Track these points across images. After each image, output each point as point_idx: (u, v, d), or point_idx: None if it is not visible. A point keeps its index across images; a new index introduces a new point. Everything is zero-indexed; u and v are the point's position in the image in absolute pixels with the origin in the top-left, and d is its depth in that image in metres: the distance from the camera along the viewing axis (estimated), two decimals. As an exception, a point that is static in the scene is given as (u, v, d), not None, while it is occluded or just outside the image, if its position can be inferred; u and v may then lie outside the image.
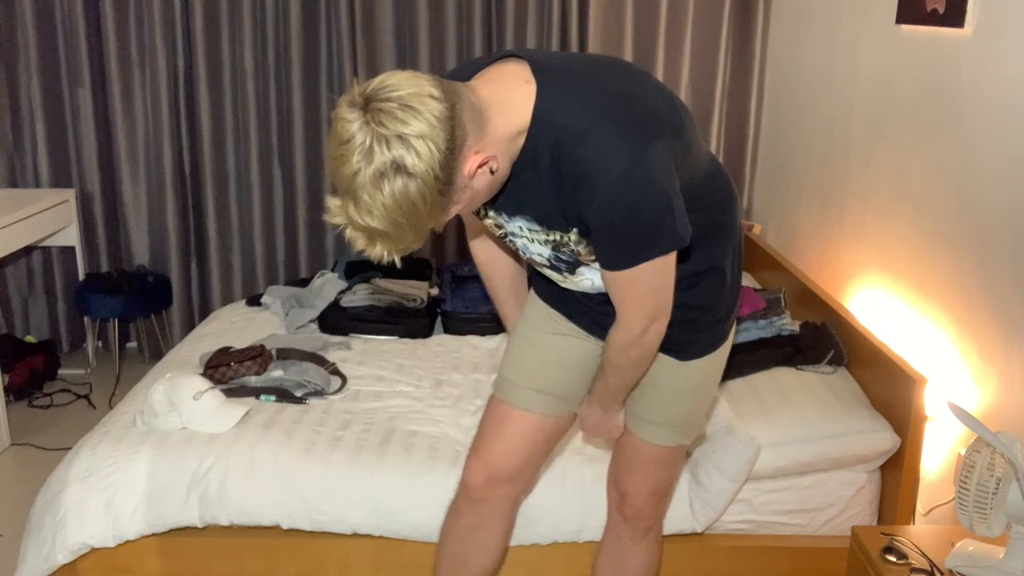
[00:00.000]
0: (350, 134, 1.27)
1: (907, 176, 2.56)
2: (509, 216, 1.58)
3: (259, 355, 2.74)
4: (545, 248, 1.59)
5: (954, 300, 2.31)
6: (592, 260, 1.57)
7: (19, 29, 3.77)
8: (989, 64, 2.16)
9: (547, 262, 1.64)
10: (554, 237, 1.55)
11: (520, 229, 1.58)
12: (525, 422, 1.86)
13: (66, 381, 3.93)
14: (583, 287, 1.68)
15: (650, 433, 1.84)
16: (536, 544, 2.31)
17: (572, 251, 1.56)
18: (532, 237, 1.59)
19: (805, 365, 2.63)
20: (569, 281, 1.67)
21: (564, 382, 1.86)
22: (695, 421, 1.87)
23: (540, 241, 1.58)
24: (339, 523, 2.30)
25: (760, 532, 2.38)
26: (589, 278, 1.64)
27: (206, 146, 3.89)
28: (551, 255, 1.61)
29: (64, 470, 2.33)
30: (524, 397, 1.85)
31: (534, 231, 1.57)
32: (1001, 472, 1.74)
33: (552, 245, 1.58)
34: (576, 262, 1.59)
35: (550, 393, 1.85)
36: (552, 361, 1.85)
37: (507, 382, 1.88)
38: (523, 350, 1.88)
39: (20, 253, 4.02)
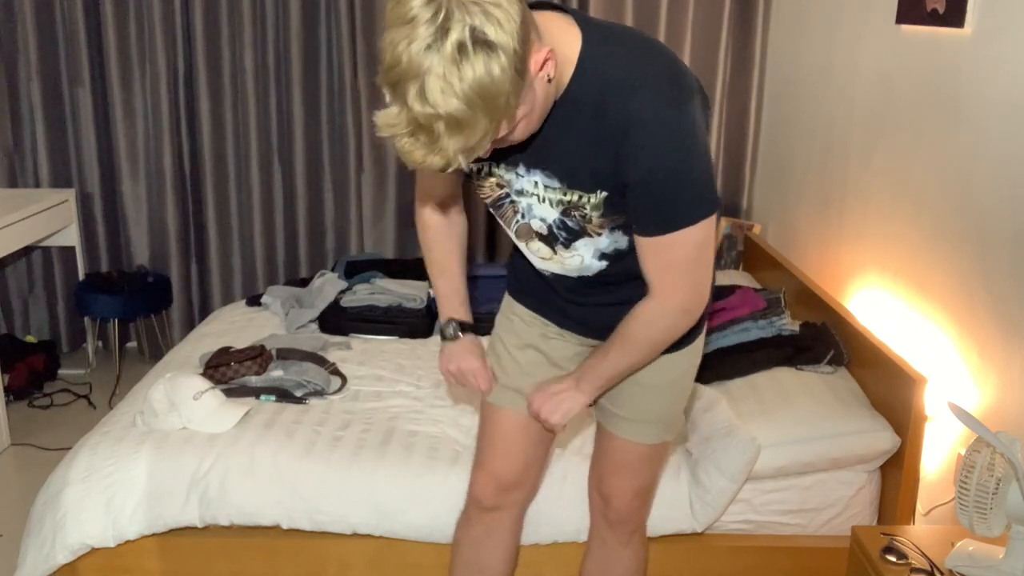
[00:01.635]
0: (418, 8, 1.17)
1: (907, 176, 2.56)
2: (528, 169, 1.50)
3: (259, 355, 2.74)
4: (554, 211, 1.53)
5: (954, 300, 2.31)
6: (599, 231, 1.53)
7: (19, 29, 3.77)
8: (989, 64, 2.16)
9: (546, 229, 1.58)
10: (571, 198, 1.50)
11: (534, 185, 1.52)
12: (516, 422, 1.86)
13: (66, 381, 3.93)
14: (569, 267, 1.64)
15: (633, 432, 1.82)
16: (536, 544, 2.31)
17: (583, 216, 1.51)
18: (544, 196, 1.52)
19: (805, 365, 2.63)
20: (556, 259, 1.63)
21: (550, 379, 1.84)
22: (676, 416, 1.85)
23: (552, 201, 1.52)
24: (339, 523, 2.30)
25: (760, 532, 2.38)
26: (580, 255, 1.60)
27: (206, 146, 3.89)
28: (557, 220, 1.55)
29: (64, 470, 2.33)
30: (511, 397, 1.85)
31: (551, 188, 1.51)
32: (1001, 472, 1.74)
33: (564, 208, 1.52)
34: (580, 231, 1.55)
35: None
36: (535, 361, 1.85)
37: (496, 385, 1.87)
38: (506, 352, 1.87)
39: (20, 253, 4.02)
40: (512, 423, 1.87)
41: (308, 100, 3.87)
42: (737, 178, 3.91)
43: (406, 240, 4.03)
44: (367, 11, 3.77)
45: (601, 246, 1.58)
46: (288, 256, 4.06)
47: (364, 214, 3.98)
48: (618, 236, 1.56)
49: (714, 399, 2.47)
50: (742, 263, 3.78)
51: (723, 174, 3.95)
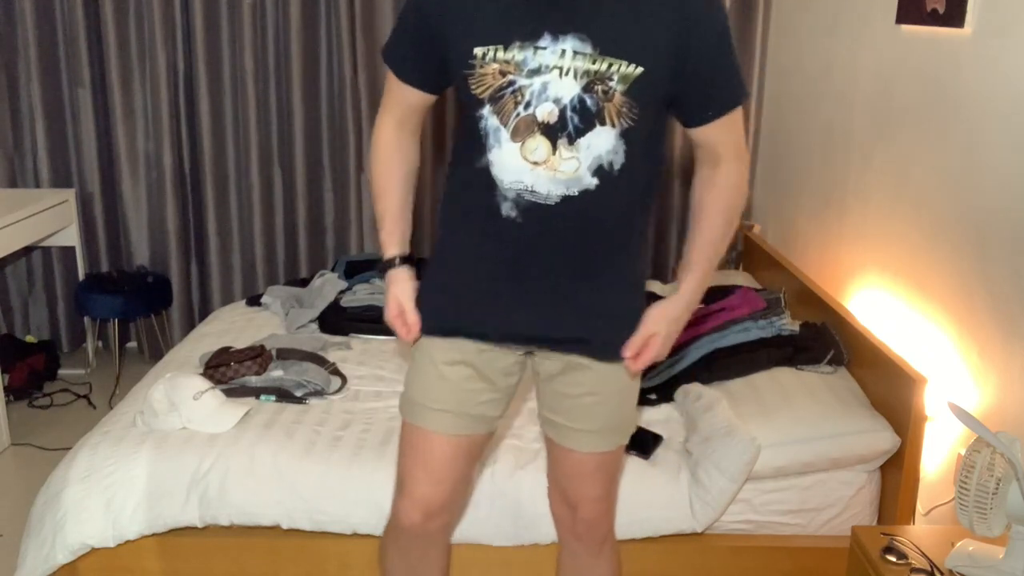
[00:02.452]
0: None
1: (907, 176, 2.56)
2: (556, 36, 1.46)
3: (259, 355, 2.74)
4: (576, 85, 1.47)
5: (954, 300, 2.31)
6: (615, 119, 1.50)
7: (19, 29, 3.77)
8: (989, 64, 2.16)
9: (557, 115, 1.50)
10: (600, 67, 1.46)
11: (560, 56, 1.46)
12: (447, 447, 1.73)
13: (66, 381, 3.93)
14: (560, 176, 1.53)
15: (594, 443, 1.75)
16: (536, 544, 2.31)
17: (606, 93, 1.47)
18: (570, 66, 1.47)
19: (805, 365, 2.63)
20: (550, 163, 1.53)
21: (479, 400, 1.74)
22: (632, 417, 1.80)
23: (578, 72, 1.47)
24: (339, 523, 2.30)
25: (760, 532, 2.38)
26: (579, 159, 1.52)
27: (206, 146, 3.89)
28: (576, 97, 1.48)
29: (64, 470, 2.33)
30: (441, 420, 1.72)
31: (580, 56, 1.46)
32: (1001, 472, 1.74)
33: (588, 80, 1.47)
34: (595, 114, 1.49)
35: (466, 413, 1.73)
36: (467, 376, 1.72)
37: (419, 405, 1.74)
38: (433, 368, 1.73)
39: (20, 253, 4.02)
40: (443, 448, 1.73)
41: (308, 100, 3.87)
42: (737, 178, 3.91)
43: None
44: (367, 11, 3.77)
45: (604, 150, 1.53)
46: (288, 256, 4.06)
47: (364, 214, 3.98)
48: (621, 147, 1.53)
49: (714, 399, 2.47)
50: (742, 263, 3.78)
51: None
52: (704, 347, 2.73)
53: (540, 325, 1.66)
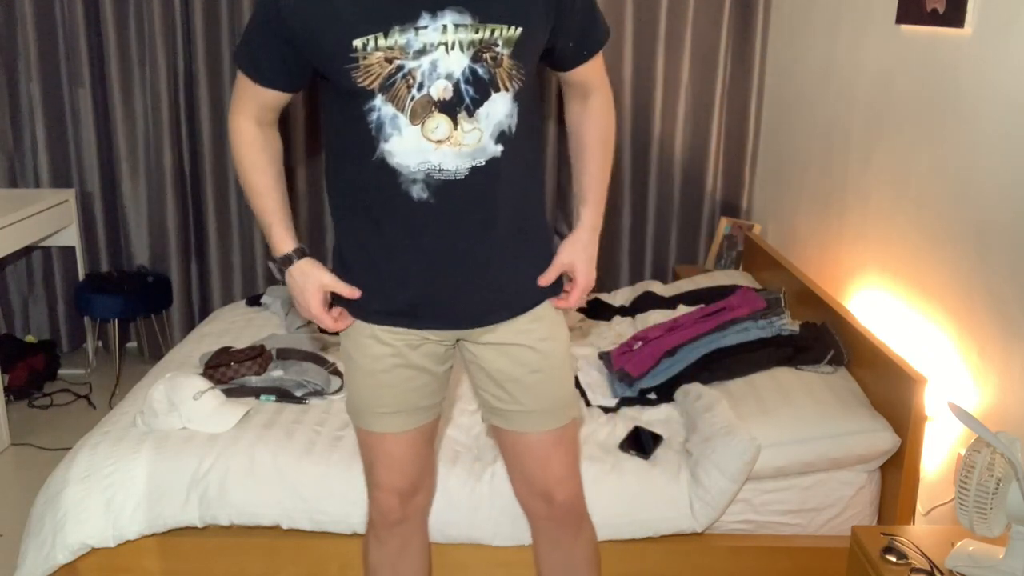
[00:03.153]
0: None
1: (907, 176, 2.56)
2: (435, 14, 1.47)
3: (259, 355, 2.74)
4: (465, 57, 1.50)
5: (954, 300, 2.31)
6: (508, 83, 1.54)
7: (19, 29, 3.77)
8: (989, 64, 2.16)
9: (451, 91, 1.51)
10: (483, 35, 1.50)
11: (442, 31, 1.48)
12: (403, 441, 1.79)
13: (66, 381, 3.93)
14: (465, 150, 1.55)
15: (548, 421, 1.77)
16: (536, 544, 2.30)
17: (494, 59, 1.51)
18: (455, 39, 1.49)
19: (805, 365, 2.63)
20: (454, 139, 1.54)
21: (421, 394, 1.77)
22: (572, 390, 1.82)
23: (464, 44, 1.49)
24: (339, 523, 2.30)
25: (760, 532, 2.38)
26: (480, 129, 1.54)
27: (206, 146, 3.89)
28: (467, 69, 1.51)
29: (64, 470, 2.33)
30: (391, 421, 1.77)
31: (462, 28, 1.48)
32: (1001, 472, 1.74)
33: (476, 50, 1.50)
34: (489, 82, 1.53)
35: (412, 408, 1.77)
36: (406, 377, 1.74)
37: (365, 411, 1.77)
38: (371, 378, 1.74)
39: (20, 253, 4.02)
40: (399, 444, 1.79)
41: (307, 99, 3.87)
42: (737, 178, 3.91)
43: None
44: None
45: (503, 115, 1.56)
46: (288, 256, 4.06)
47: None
48: (515, 110, 1.58)
49: (714, 399, 2.47)
50: (742, 263, 3.78)
51: (723, 174, 3.95)
52: (704, 347, 2.73)
53: (473, 301, 1.67)
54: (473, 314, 1.70)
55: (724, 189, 3.96)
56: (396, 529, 1.89)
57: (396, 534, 1.90)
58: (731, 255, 3.85)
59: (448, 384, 1.84)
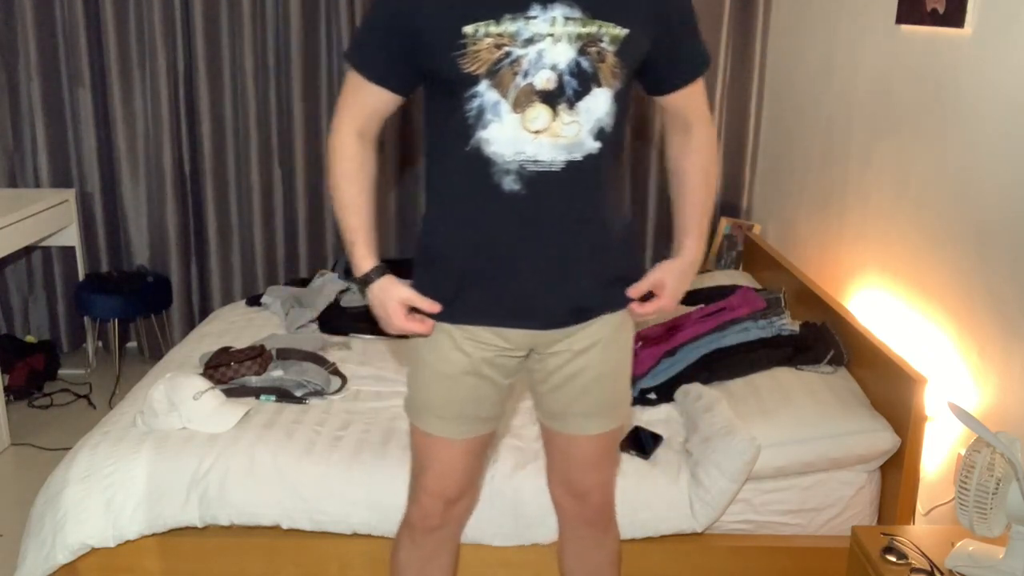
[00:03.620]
0: None
1: (907, 176, 2.56)
2: (547, 4, 1.51)
3: (259, 355, 2.74)
4: (571, 49, 1.52)
5: (954, 300, 2.31)
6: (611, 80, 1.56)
7: (19, 29, 3.77)
8: (989, 64, 2.16)
9: (555, 81, 1.53)
10: (591, 29, 1.52)
11: (551, 23, 1.51)
12: (460, 449, 1.78)
13: (66, 381, 3.93)
14: (563, 141, 1.56)
15: (601, 425, 1.79)
16: (536, 544, 2.31)
17: (599, 55, 1.53)
18: (563, 31, 1.52)
19: (805, 365, 2.63)
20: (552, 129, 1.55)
21: (484, 404, 1.76)
22: (628, 391, 1.83)
23: (571, 37, 1.52)
24: (339, 523, 2.30)
25: (760, 532, 2.38)
26: (579, 123, 1.56)
27: (206, 146, 3.89)
28: (572, 61, 1.53)
29: (64, 470, 2.33)
30: (452, 427, 1.75)
31: (571, 21, 1.52)
32: (1001, 472, 1.74)
33: (582, 44, 1.53)
34: (591, 76, 1.54)
35: (472, 417, 1.76)
36: (473, 385, 1.73)
37: (425, 411, 1.76)
38: (437, 381, 1.73)
39: (20, 253, 4.02)
40: (454, 451, 1.78)
41: (308, 100, 3.87)
42: (737, 178, 3.91)
43: (406, 240, 4.03)
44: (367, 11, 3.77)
45: (602, 112, 1.57)
46: (288, 256, 4.06)
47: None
48: (613, 108, 1.58)
49: (714, 399, 2.47)
50: (742, 263, 3.78)
51: (723, 174, 3.95)
52: (704, 347, 2.73)
53: (557, 299, 1.66)
54: (556, 314, 1.68)
55: (724, 189, 3.95)
56: (434, 534, 1.88)
57: (433, 539, 1.88)
58: (731, 255, 3.85)
59: (510, 398, 1.83)
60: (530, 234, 1.60)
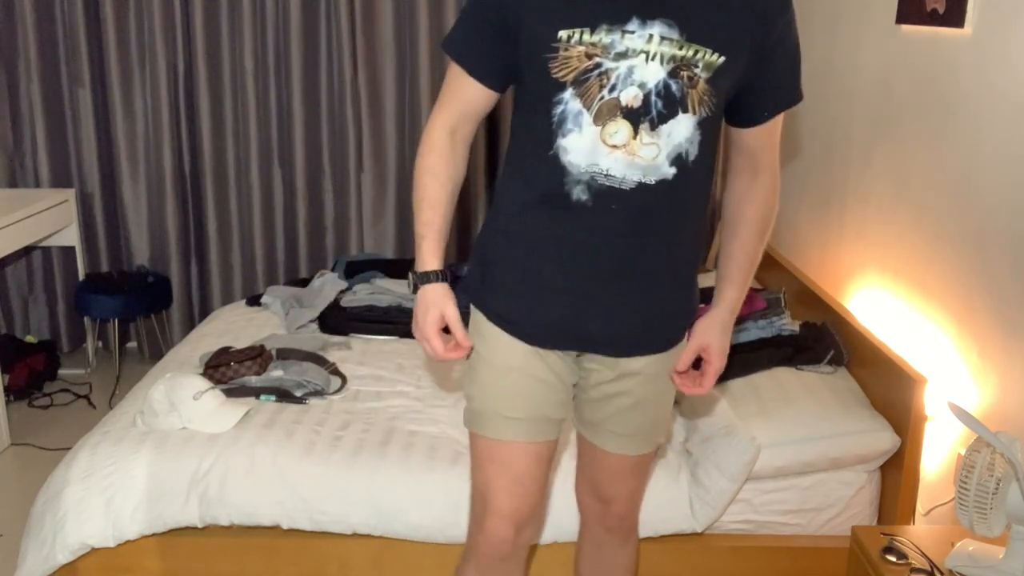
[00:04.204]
0: None
1: (907, 176, 2.56)
2: (644, 21, 1.45)
3: (259, 355, 2.74)
4: (663, 70, 1.47)
5: (954, 300, 2.31)
6: (697, 107, 1.49)
7: (19, 29, 3.77)
8: (989, 64, 2.16)
9: (641, 100, 1.48)
10: (686, 53, 1.46)
11: (647, 40, 1.46)
12: (530, 454, 1.67)
13: (66, 381, 3.93)
14: (639, 162, 1.50)
15: (633, 446, 1.74)
16: (536, 544, 2.31)
17: (691, 79, 1.47)
18: (657, 51, 1.46)
19: (805, 365, 2.63)
20: (630, 148, 1.50)
21: (550, 402, 1.67)
22: (668, 419, 1.80)
23: (664, 58, 1.46)
24: (339, 523, 2.30)
25: (760, 532, 2.38)
26: (659, 145, 1.50)
27: (206, 146, 3.89)
28: (662, 82, 1.47)
29: (64, 470, 2.33)
30: (516, 427, 1.65)
31: (667, 41, 1.46)
32: (1001, 472, 1.74)
33: (674, 66, 1.47)
34: (679, 100, 1.48)
35: (541, 418, 1.67)
36: (536, 381, 1.65)
37: (492, 415, 1.66)
38: (496, 376, 1.66)
39: (20, 253, 4.02)
40: (526, 456, 1.67)
41: (308, 100, 3.87)
42: (737, 178, 3.91)
43: (406, 240, 4.03)
44: (367, 11, 3.77)
45: (683, 138, 1.51)
46: (288, 256, 4.06)
47: (364, 214, 3.98)
48: (697, 136, 1.52)
49: (714, 399, 2.47)
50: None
51: (723, 174, 3.95)
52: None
53: (609, 328, 1.61)
54: (605, 342, 1.63)
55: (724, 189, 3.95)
56: (505, 565, 1.73)
57: (501, 570, 1.74)
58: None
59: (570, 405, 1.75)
60: (587, 248, 1.56)
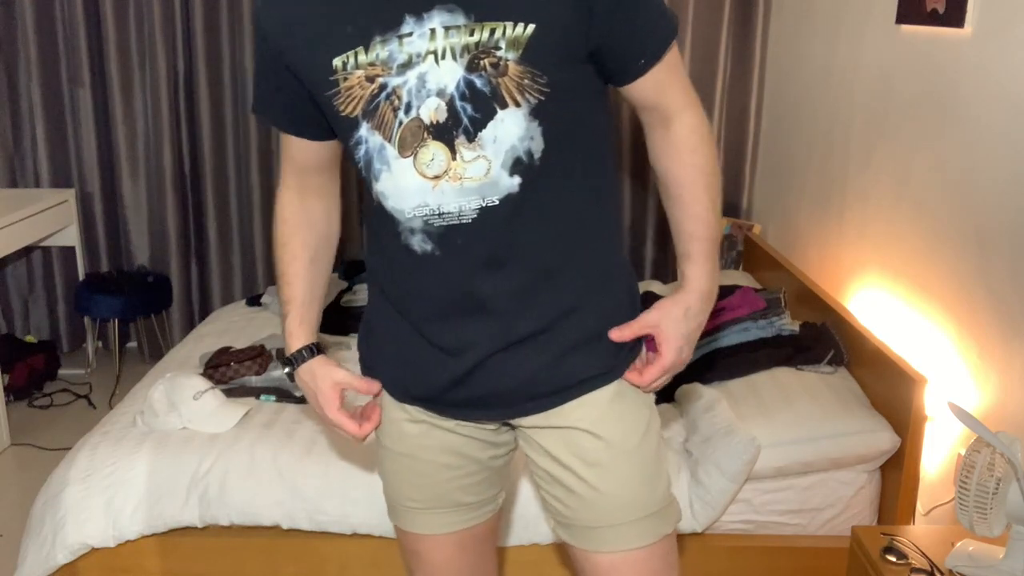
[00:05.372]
0: None
1: (907, 176, 2.56)
2: (419, 16, 1.18)
3: (259, 355, 2.74)
4: (459, 67, 1.18)
5: (954, 300, 2.31)
6: (517, 96, 1.20)
7: (19, 29, 3.77)
8: (989, 64, 2.16)
9: (446, 111, 1.20)
10: (481, 36, 1.17)
11: (430, 37, 1.18)
12: (444, 548, 1.47)
13: (66, 381, 3.93)
14: (470, 184, 1.22)
15: (622, 540, 1.35)
16: (536, 544, 2.31)
17: (496, 66, 1.18)
18: (446, 46, 1.18)
19: (805, 365, 2.63)
20: (455, 171, 1.22)
21: (462, 484, 1.44)
22: (666, 488, 1.39)
23: (457, 51, 1.18)
24: (339, 523, 2.30)
25: (760, 532, 2.38)
26: (487, 158, 1.21)
27: (206, 146, 3.89)
28: (462, 82, 1.19)
29: (64, 470, 2.33)
30: (432, 522, 1.46)
31: (454, 30, 1.17)
32: (1001, 472, 1.74)
33: (471, 57, 1.18)
34: (491, 96, 1.19)
35: (461, 504, 1.46)
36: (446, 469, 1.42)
37: (402, 508, 1.47)
38: (402, 467, 1.44)
39: (20, 253, 4.02)
40: (441, 550, 1.47)
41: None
42: (737, 178, 3.91)
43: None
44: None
45: (515, 138, 1.21)
46: (288, 256, 4.06)
47: (364, 214, 3.98)
48: (536, 129, 1.22)
49: (714, 399, 2.47)
50: (742, 263, 3.78)
51: (723, 174, 3.95)
52: (704, 347, 2.73)
53: (505, 383, 1.33)
54: (508, 399, 1.35)
55: (724, 189, 3.95)
56: None
57: None
58: (731, 255, 3.85)
59: (507, 475, 1.53)
60: (453, 304, 1.29)
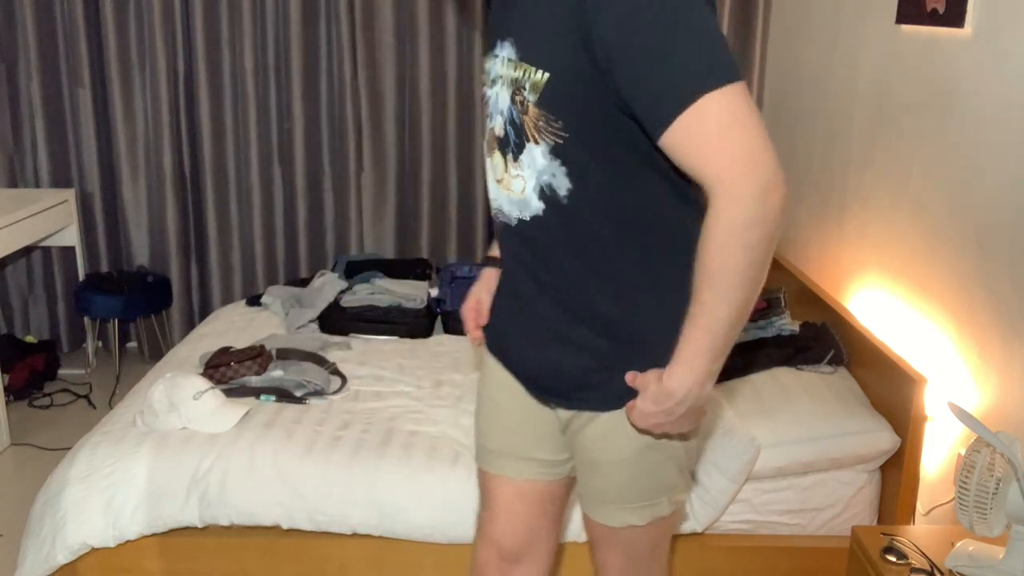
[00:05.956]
0: None
1: (907, 176, 2.56)
2: (500, 42, 1.31)
3: (259, 355, 2.74)
4: (507, 95, 1.31)
5: (954, 300, 2.31)
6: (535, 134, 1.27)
7: (19, 29, 3.77)
8: (989, 64, 2.16)
9: (502, 128, 1.35)
10: (518, 74, 1.26)
11: (503, 64, 1.31)
12: (512, 490, 1.59)
13: (66, 381, 3.93)
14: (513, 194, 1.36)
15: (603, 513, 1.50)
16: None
17: (523, 104, 1.27)
18: (503, 75, 1.31)
19: (805, 365, 2.63)
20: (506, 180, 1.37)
21: (542, 445, 1.56)
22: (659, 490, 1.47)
23: (507, 81, 1.30)
24: (339, 523, 2.30)
25: (760, 532, 2.38)
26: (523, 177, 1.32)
27: (206, 146, 3.89)
28: (507, 109, 1.31)
29: (64, 470, 2.33)
30: (499, 463, 1.59)
31: (510, 62, 1.29)
32: (1001, 472, 1.74)
33: (512, 89, 1.29)
34: (522, 127, 1.29)
35: (529, 458, 1.57)
36: (520, 422, 1.55)
37: (482, 449, 1.63)
38: (488, 411, 1.60)
39: (20, 253, 4.02)
40: (507, 491, 1.60)
41: (308, 99, 3.87)
42: (737, 178, 3.91)
43: (406, 240, 4.03)
44: (367, 11, 3.77)
45: (539, 167, 1.30)
46: (288, 256, 4.06)
47: (364, 214, 3.98)
48: (558, 168, 1.28)
49: (714, 399, 2.47)
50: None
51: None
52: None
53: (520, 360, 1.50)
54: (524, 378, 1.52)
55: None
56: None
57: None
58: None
59: None
60: (505, 283, 1.51)
